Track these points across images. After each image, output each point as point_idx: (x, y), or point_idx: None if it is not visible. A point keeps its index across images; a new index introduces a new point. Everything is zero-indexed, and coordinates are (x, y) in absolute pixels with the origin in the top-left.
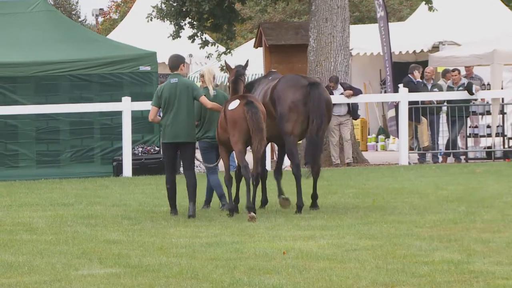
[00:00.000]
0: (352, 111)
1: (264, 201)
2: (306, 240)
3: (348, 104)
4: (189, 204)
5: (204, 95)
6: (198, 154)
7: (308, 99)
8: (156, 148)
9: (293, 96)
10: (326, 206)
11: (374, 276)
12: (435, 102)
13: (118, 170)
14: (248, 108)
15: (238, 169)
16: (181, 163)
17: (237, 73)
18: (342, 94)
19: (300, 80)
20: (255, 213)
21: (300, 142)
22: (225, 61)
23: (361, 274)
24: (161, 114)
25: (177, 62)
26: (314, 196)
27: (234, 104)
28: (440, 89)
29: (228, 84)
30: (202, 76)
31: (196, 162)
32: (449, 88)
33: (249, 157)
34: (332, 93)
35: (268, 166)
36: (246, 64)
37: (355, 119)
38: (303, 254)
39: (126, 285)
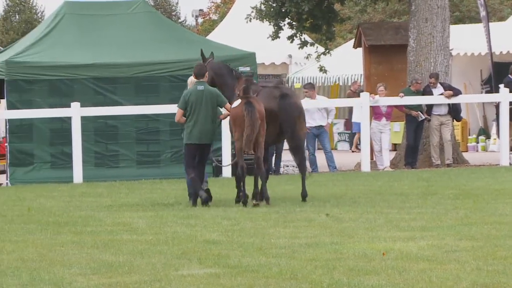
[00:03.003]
0: (455, 112)
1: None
2: (405, 241)
3: (448, 104)
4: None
5: (229, 103)
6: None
7: (281, 109)
8: None
9: (267, 106)
10: (426, 207)
11: (475, 278)
12: None
13: (217, 171)
14: (246, 106)
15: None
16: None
17: (247, 81)
18: (441, 94)
19: (272, 92)
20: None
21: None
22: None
23: (461, 275)
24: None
25: (203, 70)
26: (304, 194)
27: (236, 103)
28: None
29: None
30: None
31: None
32: None
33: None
34: (431, 92)
35: (368, 167)
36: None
37: (458, 121)
38: (403, 255)
39: (226, 285)
